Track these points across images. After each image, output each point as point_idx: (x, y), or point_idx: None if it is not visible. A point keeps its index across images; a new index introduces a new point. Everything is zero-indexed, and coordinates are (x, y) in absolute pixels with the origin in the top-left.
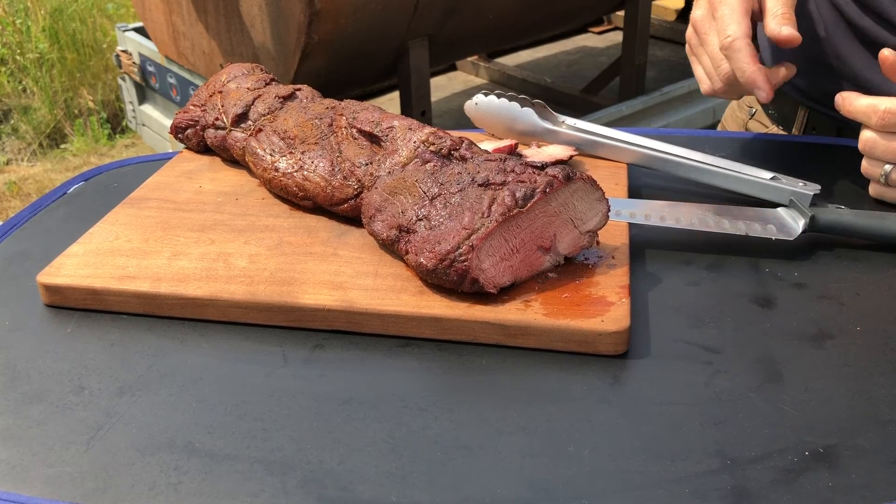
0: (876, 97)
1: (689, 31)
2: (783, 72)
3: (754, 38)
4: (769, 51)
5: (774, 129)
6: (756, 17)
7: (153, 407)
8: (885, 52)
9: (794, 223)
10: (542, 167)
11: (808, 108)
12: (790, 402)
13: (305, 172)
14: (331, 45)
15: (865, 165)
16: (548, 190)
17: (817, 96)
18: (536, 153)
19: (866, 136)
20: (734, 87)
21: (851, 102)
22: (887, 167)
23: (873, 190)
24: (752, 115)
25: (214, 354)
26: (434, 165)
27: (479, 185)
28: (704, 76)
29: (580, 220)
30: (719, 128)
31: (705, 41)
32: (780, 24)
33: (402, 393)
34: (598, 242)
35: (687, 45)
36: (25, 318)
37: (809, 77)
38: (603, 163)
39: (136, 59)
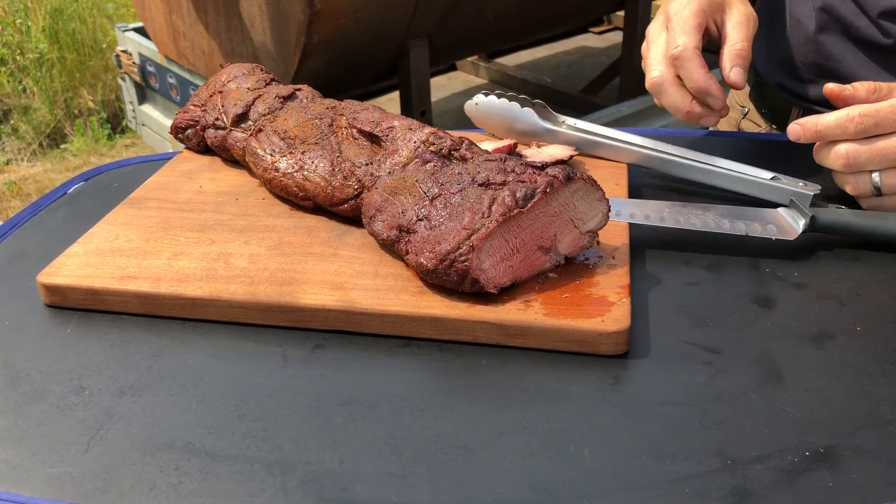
0: (840, 110)
1: (644, 45)
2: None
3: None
4: (763, 51)
5: (768, 129)
6: (713, 37)
7: (153, 407)
8: (830, 86)
9: (795, 223)
10: (543, 167)
11: (801, 106)
12: (790, 403)
13: (305, 172)
14: (331, 45)
15: (854, 183)
16: (548, 190)
17: (812, 98)
18: (536, 153)
19: (844, 149)
20: (661, 95)
21: (817, 123)
22: (875, 176)
23: (867, 204)
24: (745, 114)
25: (215, 354)
26: (434, 165)
27: (480, 185)
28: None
29: (580, 220)
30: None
31: (650, 48)
32: (733, 63)
33: (403, 393)
34: (598, 242)
35: (643, 59)
36: (25, 318)
37: (802, 79)
38: (603, 163)
39: (136, 59)
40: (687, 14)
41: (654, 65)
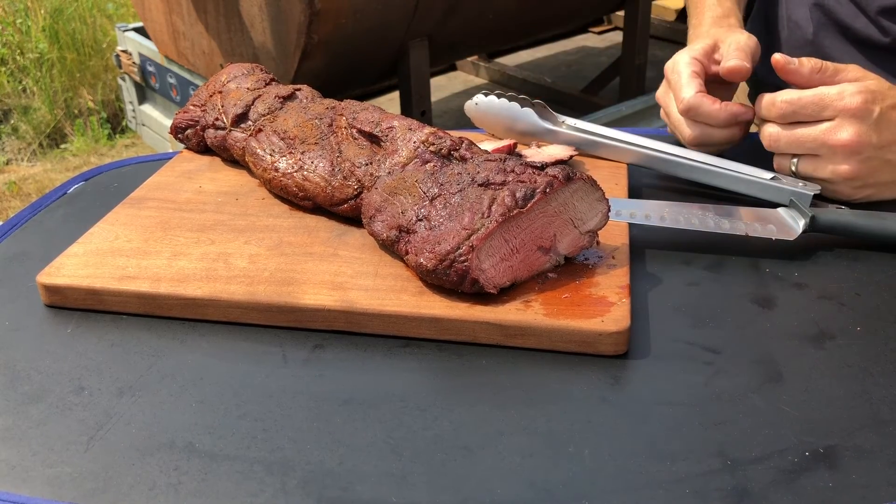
0: (770, 94)
1: (661, 112)
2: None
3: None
4: (762, 54)
5: None
6: (713, 77)
7: (153, 407)
8: (777, 57)
9: (794, 223)
10: (542, 167)
11: None
12: (790, 403)
13: (305, 172)
14: (331, 45)
15: (776, 161)
16: (548, 190)
17: None
18: (536, 153)
19: (769, 130)
20: (707, 143)
21: (758, 103)
22: (794, 160)
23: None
24: None
25: (214, 354)
26: (434, 166)
27: (479, 186)
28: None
29: (580, 220)
30: None
31: (669, 113)
32: (730, 56)
33: (402, 393)
34: (598, 242)
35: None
36: (25, 318)
37: None
38: (603, 163)
39: (136, 59)
40: (681, 66)
41: (681, 127)
